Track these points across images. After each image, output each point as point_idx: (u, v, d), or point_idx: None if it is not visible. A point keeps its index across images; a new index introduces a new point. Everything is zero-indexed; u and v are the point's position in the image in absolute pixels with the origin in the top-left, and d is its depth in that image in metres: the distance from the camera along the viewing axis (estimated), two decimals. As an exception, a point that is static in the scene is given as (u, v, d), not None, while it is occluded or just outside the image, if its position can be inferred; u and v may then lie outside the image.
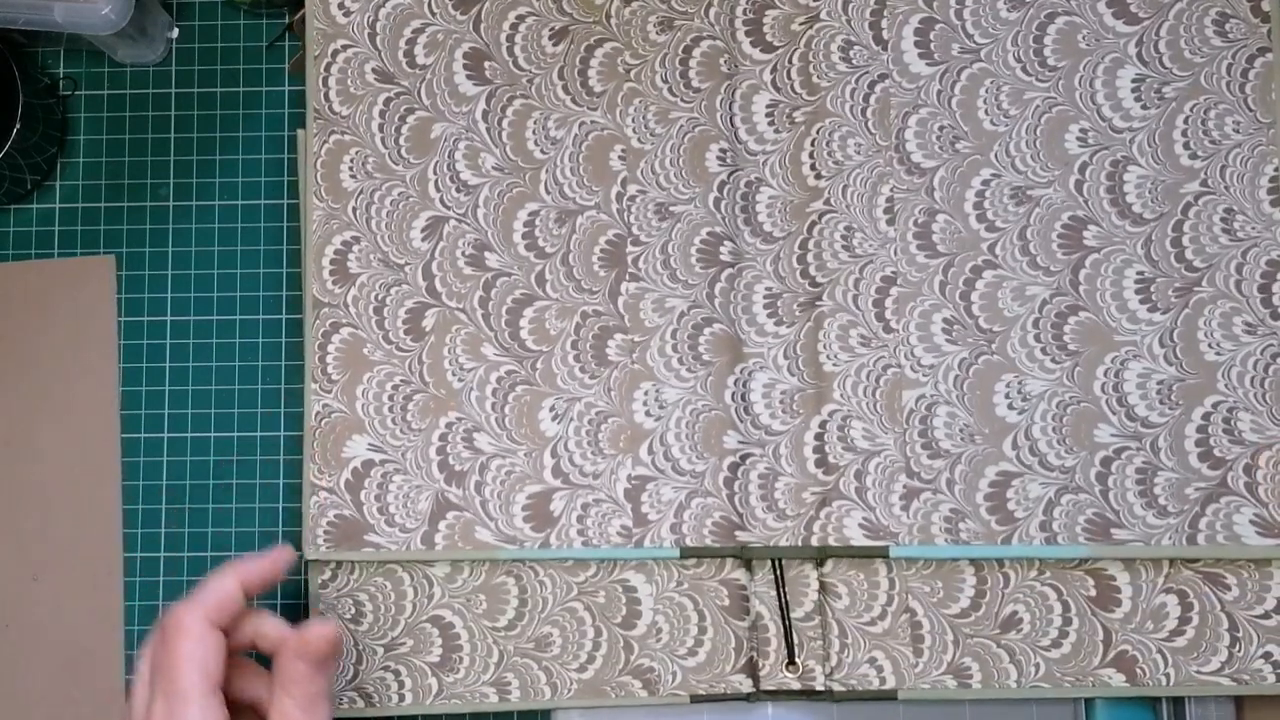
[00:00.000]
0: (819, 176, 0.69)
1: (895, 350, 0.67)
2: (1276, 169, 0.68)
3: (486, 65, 0.70)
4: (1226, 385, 0.66)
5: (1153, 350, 0.67)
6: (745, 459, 0.67)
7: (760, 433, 0.67)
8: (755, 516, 0.66)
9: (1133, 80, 0.69)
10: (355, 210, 0.69)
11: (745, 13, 0.70)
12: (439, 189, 0.70)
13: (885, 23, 0.69)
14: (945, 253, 0.68)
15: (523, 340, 0.68)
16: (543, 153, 0.70)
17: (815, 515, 0.66)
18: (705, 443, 0.67)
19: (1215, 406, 0.66)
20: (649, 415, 0.68)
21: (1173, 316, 0.67)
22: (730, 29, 0.70)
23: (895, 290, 0.68)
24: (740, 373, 0.67)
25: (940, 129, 0.69)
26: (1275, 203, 0.68)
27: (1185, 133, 0.68)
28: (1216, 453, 0.66)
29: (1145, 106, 0.69)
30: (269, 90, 0.75)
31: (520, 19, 0.70)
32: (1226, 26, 0.69)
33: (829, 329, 0.67)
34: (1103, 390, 0.67)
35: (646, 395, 0.68)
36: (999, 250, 0.68)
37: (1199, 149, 0.68)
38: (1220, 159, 0.68)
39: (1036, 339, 0.67)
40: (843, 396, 0.67)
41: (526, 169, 0.70)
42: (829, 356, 0.67)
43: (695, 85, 0.70)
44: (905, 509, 0.66)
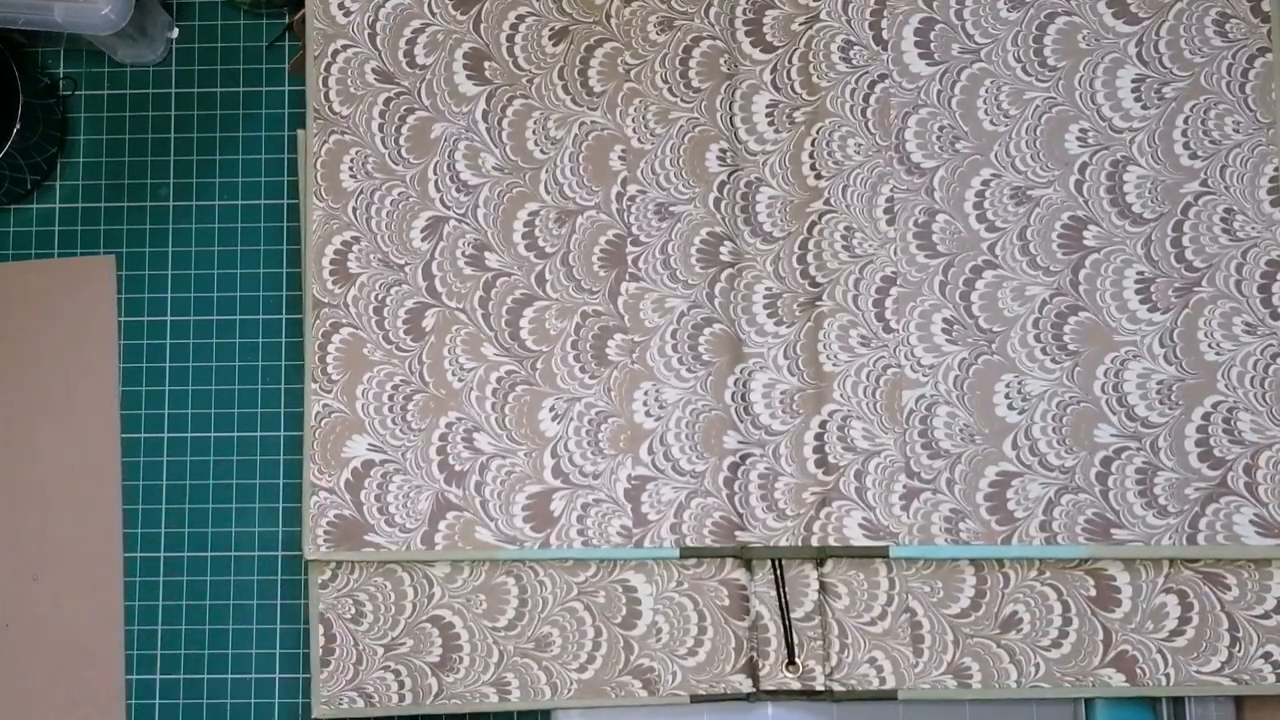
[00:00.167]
0: (819, 176, 0.68)
1: (895, 350, 0.67)
2: (1276, 169, 0.68)
3: (486, 65, 0.70)
4: (1226, 385, 0.66)
5: (1153, 350, 0.67)
6: (745, 459, 0.67)
7: (760, 433, 0.67)
8: (755, 516, 0.66)
9: (1133, 80, 0.69)
10: (355, 210, 0.69)
11: (745, 13, 0.70)
12: (439, 189, 0.70)
13: (885, 23, 0.69)
14: (945, 253, 0.68)
15: (523, 340, 0.68)
16: (543, 153, 0.70)
17: (815, 515, 0.66)
18: (705, 443, 0.67)
19: (1215, 406, 0.66)
20: (649, 415, 0.68)
21: (1173, 316, 0.67)
22: (730, 29, 0.70)
23: (895, 290, 0.68)
24: (740, 373, 0.67)
25: (940, 129, 0.69)
26: (1275, 203, 0.68)
27: (1185, 133, 0.68)
28: (1216, 453, 0.66)
29: (1145, 106, 0.69)
30: (269, 90, 0.76)
31: (520, 19, 0.70)
32: (1226, 26, 0.69)
33: (829, 329, 0.67)
34: (1103, 390, 0.67)
35: (646, 395, 0.68)
36: (999, 250, 0.68)
37: (1199, 149, 0.68)
38: (1220, 159, 0.68)
39: (1036, 339, 0.67)
40: (843, 396, 0.67)
41: (526, 169, 0.70)
42: (829, 356, 0.67)
43: (695, 85, 0.70)
44: (905, 509, 0.66)
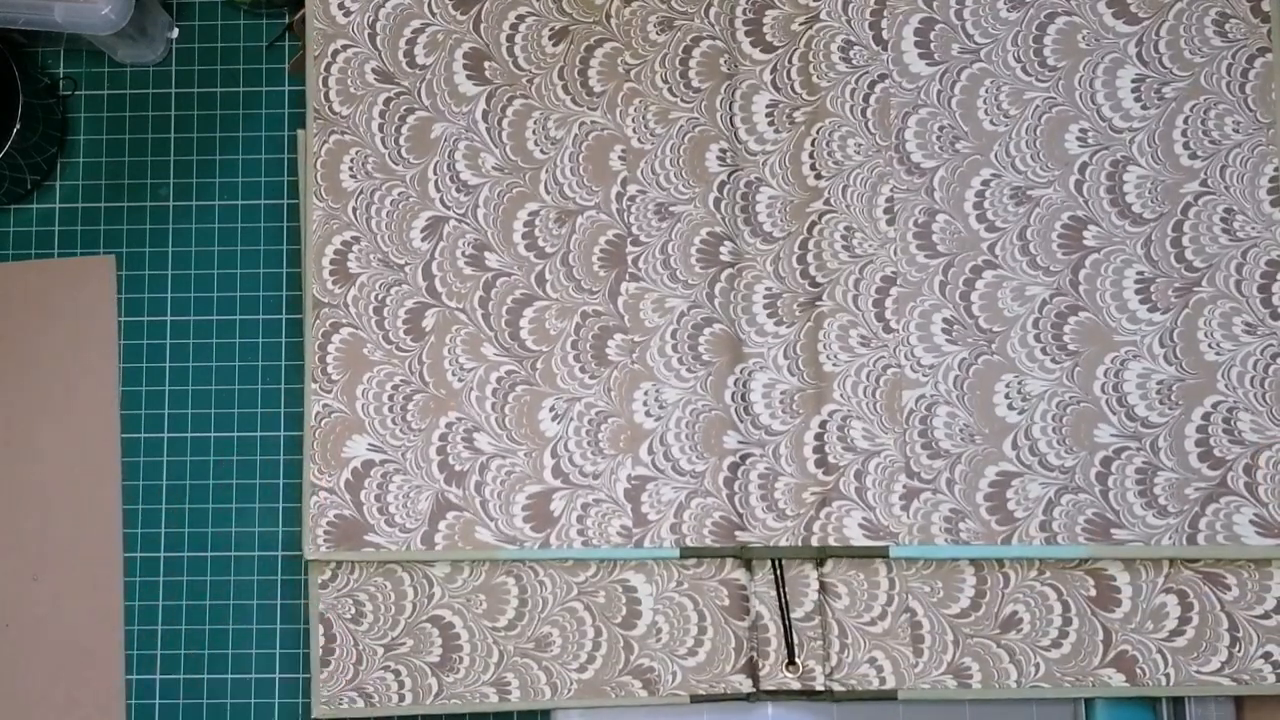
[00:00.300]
0: (819, 176, 0.68)
1: (895, 350, 0.67)
2: (1276, 169, 0.68)
3: (486, 65, 0.70)
4: (1226, 385, 0.66)
5: (1153, 350, 0.67)
6: (745, 459, 0.67)
7: (760, 433, 0.67)
8: (755, 516, 0.66)
9: (1133, 80, 0.69)
10: (355, 210, 0.69)
11: (745, 13, 0.70)
12: (439, 189, 0.70)
13: (885, 23, 0.69)
14: (945, 253, 0.68)
15: (523, 340, 0.68)
16: (543, 153, 0.70)
17: (815, 515, 0.66)
18: (705, 443, 0.67)
19: (1215, 406, 0.66)
20: (649, 415, 0.68)
21: (1173, 316, 0.67)
22: (730, 29, 0.70)
23: (895, 290, 0.68)
24: (740, 373, 0.67)
25: (940, 129, 0.69)
26: (1275, 203, 0.68)
27: (1185, 133, 0.68)
28: (1216, 453, 0.66)
29: (1145, 106, 0.69)
30: (269, 90, 0.75)
31: (520, 19, 0.70)
32: (1226, 26, 0.69)
33: (829, 329, 0.67)
34: (1103, 390, 0.67)
35: (646, 395, 0.68)
36: (999, 250, 0.68)
37: (1199, 149, 0.68)
38: (1220, 159, 0.68)
39: (1036, 339, 0.67)
40: (843, 396, 0.67)
41: (526, 169, 0.70)
42: (829, 356, 0.67)
43: (695, 85, 0.70)
44: (905, 509, 0.66)
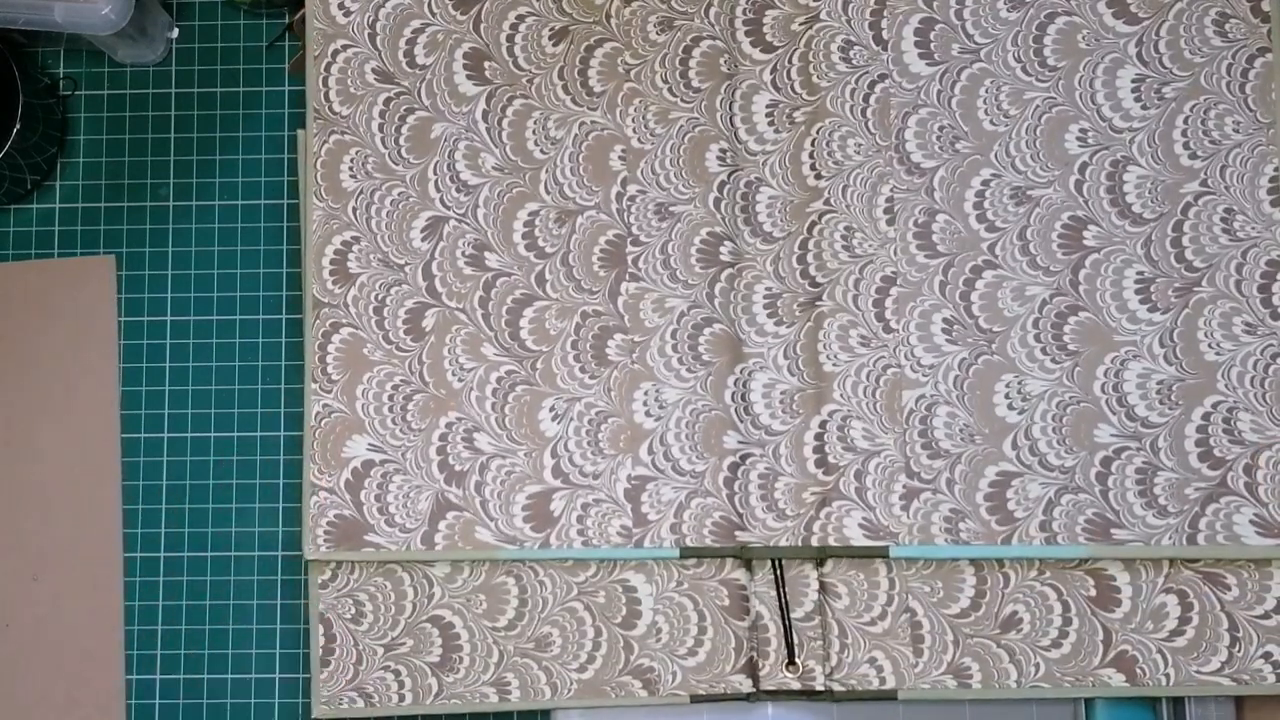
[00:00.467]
0: (819, 176, 0.68)
1: (895, 350, 0.67)
2: (1276, 169, 0.68)
3: (486, 65, 0.70)
4: (1226, 385, 0.66)
5: (1153, 350, 0.67)
6: (745, 459, 0.67)
7: (760, 433, 0.67)
8: (755, 516, 0.66)
9: (1133, 80, 0.69)
10: (355, 210, 0.69)
11: (745, 13, 0.70)
12: (439, 189, 0.70)
13: (885, 23, 0.69)
14: (945, 253, 0.68)
15: (523, 340, 0.68)
16: (543, 153, 0.70)
17: (815, 515, 0.66)
18: (705, 443, 0.67)
19: (1215, 406, 0.66)
20: (649, 415, 0.68)
21: (1173, 316, 0.67)
22: (730, 29, 0.70)
23: (895, 290, 0.68)
24: (740, 373, 0.67)
25: (940, 129, 0.69)
26: (1275, 203, 0.68)
27: (1185, 133, 0.68)
28: (1216, 453, 0.66)
29: (1145, 106, 0.69)
30: (269, 90, 0.75)
31: (520, 19, 0.70)
32: (1226, 26, 0.69)
33: (829, 329, 0.67)
34: (1103, 390, 0.67)
35: (646, 395, 0.68)
36: (999, 250, 0.68)
37: (1199, 149, 0.68)
38: (1220, 159, 0.68)
39: (1036, 339, 0.67)
40: (843, 396, 0.67)
41: (526, 169, 0.70)
42: (829, 356, 0.67)
43: (695, 85, 0.70)
44: (905, 509, 0.66)
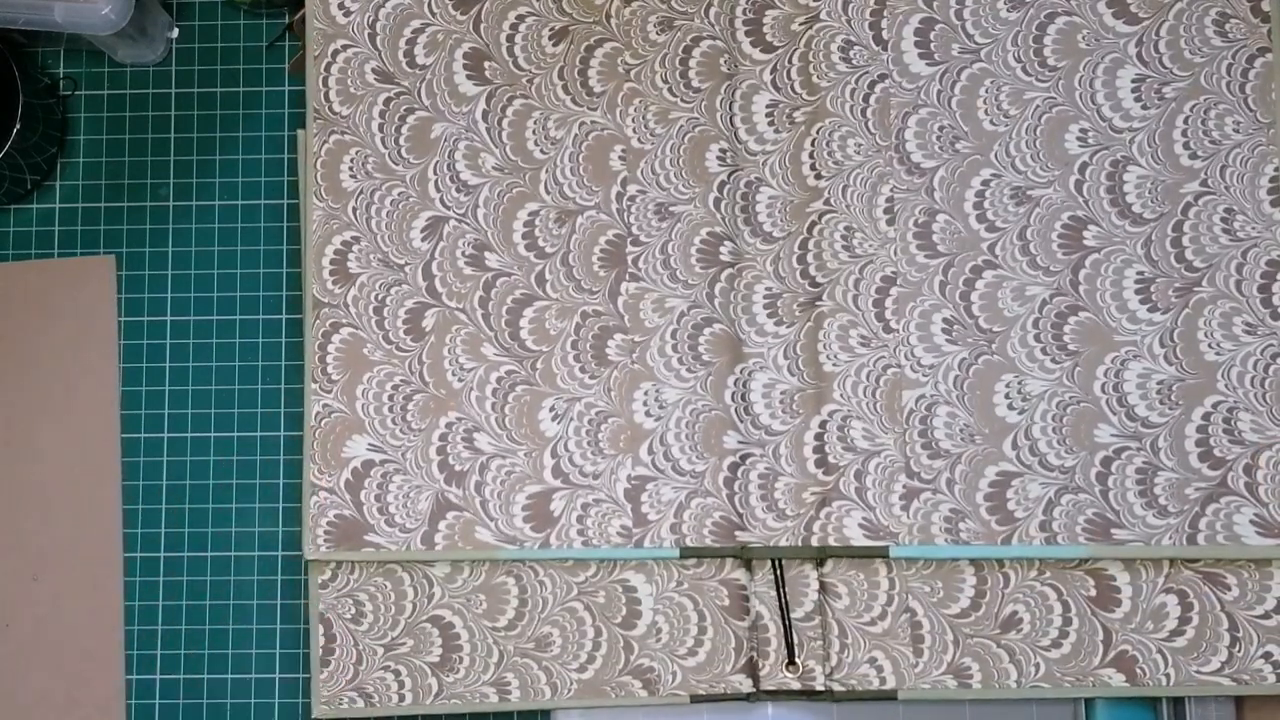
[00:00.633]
0: (819, 176, 0.68)
1: (895, 350, 0.67)
2: (1276, 169, 0.68)
3: (486, 65, 0.70)
4: (1226, 385, 0.66)
5: (1153, 350, 0.67)
6: (745, 459, 0.67)
7: (760, 433, 0.67)
8: (755, 516, 0.66)
9: (1133, 80, 0.69)
10: (355, 210, 0.69)
11: (745, 13, 0.70)
12: (439, 189, 0.70)
13: (885, 23, 0.69)
14: (945, 253, 0.68)
15: (523, 340, 0.68)
16: (543, 153, 0.70)
17: (815, 515, 0.66)
18: (705, 443, 0.67)
19: (1215, 406, 0.66)
20: (649, 415, 0.68)
21: (1173, 316, 0.67)
22: (730, 29, 0.70)
23: (895, 290, 0.68)
24: (740, 373, 0.67)
25: (940, 129, 0.69)
26: (1275, 203, 0.68)
27: (1185, 133, 0.68)
28: (1216, 453, 0.66)
29: (1145, 106, 0.69)
30: (269, 90, 0.75)
31: (520, 19, 0.70)
32: (1226, 26, 0.69)
33: (829, 329, 0.67)
34: (1103, 390, 0.67)
35: (646, 395, 0.68)
36: (999, 250, 0.68)
37: (1199, 149, 0.68)
38: (1220, 159, 0.68)
39: (1036, 339, 0.67)
40: (843, 396, 0.67)
41: (526, 169, 0.70)
42: (829, 356, 0.67)
43: (695, 85, 0.70)
44: (905, 509, 0.66)
